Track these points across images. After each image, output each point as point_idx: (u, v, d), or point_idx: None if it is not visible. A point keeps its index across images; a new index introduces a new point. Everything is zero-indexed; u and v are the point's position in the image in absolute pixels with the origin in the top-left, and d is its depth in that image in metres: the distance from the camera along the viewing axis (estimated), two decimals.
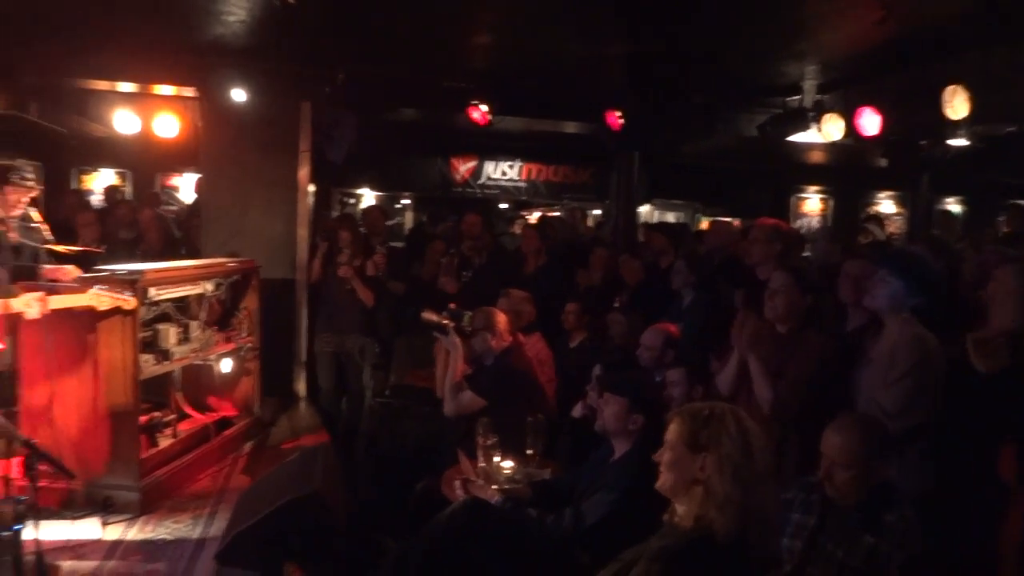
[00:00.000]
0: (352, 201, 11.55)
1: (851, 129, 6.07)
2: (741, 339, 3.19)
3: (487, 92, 6.58)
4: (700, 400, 3.03)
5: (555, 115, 7.56)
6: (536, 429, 3.47)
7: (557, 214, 10.50)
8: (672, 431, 1.99)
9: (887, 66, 5.68)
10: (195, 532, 3.56)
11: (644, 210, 9.96)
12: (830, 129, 6.32)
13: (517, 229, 10.15)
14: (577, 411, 3.90)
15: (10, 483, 2.66)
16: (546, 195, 10.99)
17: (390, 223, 8.99)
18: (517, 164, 10.58)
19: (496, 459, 3.35)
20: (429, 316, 4.07)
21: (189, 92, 6.28)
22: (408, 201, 12.37)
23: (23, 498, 2.00)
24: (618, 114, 6.77)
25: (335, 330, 5.74)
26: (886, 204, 11.50)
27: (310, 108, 6.11)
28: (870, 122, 5.90)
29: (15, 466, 2.82)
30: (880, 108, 5.84)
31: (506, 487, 3.17)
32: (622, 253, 5.97)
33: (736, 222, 8.19)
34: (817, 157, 9.72)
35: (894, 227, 10.48)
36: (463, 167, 10.51)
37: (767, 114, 6.93)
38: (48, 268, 3.77)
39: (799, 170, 10.74)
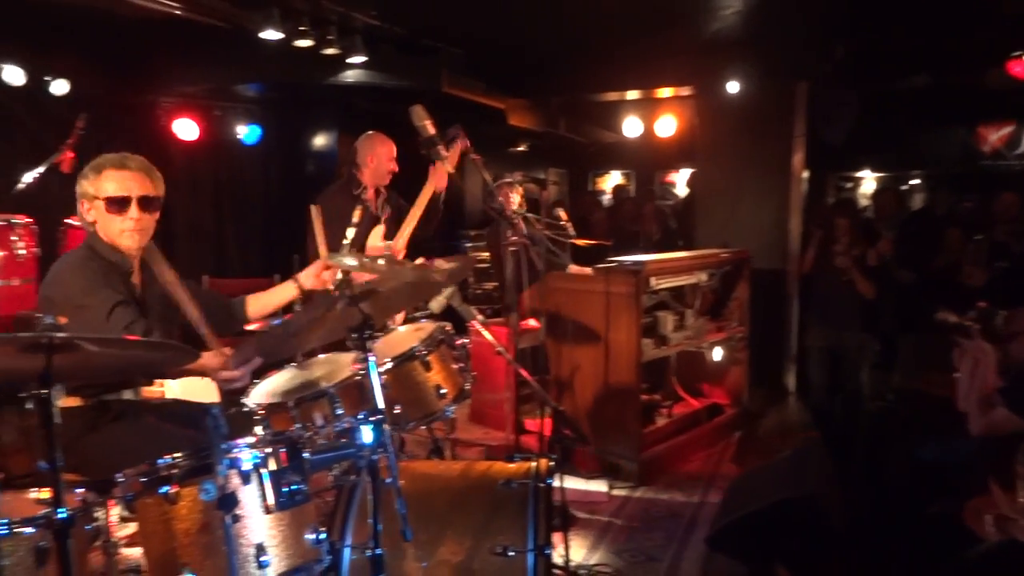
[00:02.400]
0: (849, 185, 10.68)
1: None
2: None
3: None
4: None
5: None
6: None
7: None
8: None
9: None
10: (688, 510, 3.74)
11: None
12: None
13: None
14: None
15: (544, 440, 3.18)
16: None
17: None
18: None
19: None
20: (946, 316, 3.47)
21: (686, 91, 6.61)
22: (917, 181, 10.87)
23: (554, 455, 2.35)
24: None
25: (830, 324, 5.37)
26: None
27: (806, 90, 5.83)
28: None
29: (546, 426, 3.38)
30: None
31: None
32: None
33: None
34: None
35: None
36: (994, 136, 8.74)
37: None
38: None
39: None
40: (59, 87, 5.86)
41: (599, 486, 3.98)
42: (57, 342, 1.55)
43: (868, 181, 10.56)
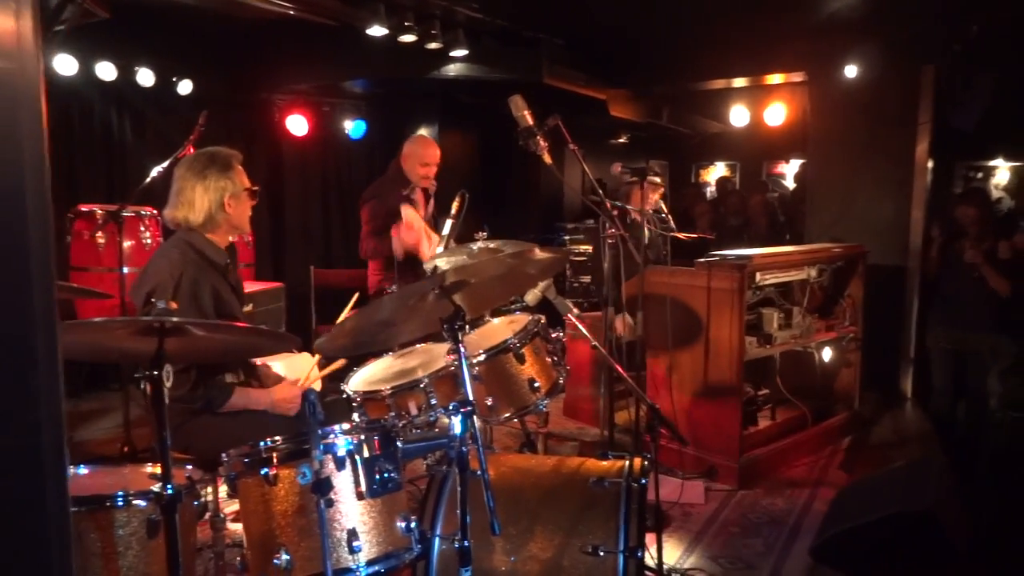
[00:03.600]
0: (979, 176, 9.89)
1: None
2: None
3: None
4: None
5: None
6: None
7: None
8: None
9: None
10: (790, 518, 3.56)
11: None
12: None
13: None
14: None
15: (639, 438, 3.11)
16: None
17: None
18: None
19: None
20: None
21: (798, 77, 6.29)
22: None
23: (648, 454, 2.29)
24: None
25: (956, 325, 4.98)
26: None
27: (932, 72, 5.40)
28: None
29: (641, 424, 3.29)
30: None
31: None
32: None
33: None
34: None
35: None
36: None
37: None
38: None
39: None
40: (184, 87, 6.24)
41: (695, 487, 3.85)
42: (169, 326, 1.63)
43: (1001, 171, 9.74)
